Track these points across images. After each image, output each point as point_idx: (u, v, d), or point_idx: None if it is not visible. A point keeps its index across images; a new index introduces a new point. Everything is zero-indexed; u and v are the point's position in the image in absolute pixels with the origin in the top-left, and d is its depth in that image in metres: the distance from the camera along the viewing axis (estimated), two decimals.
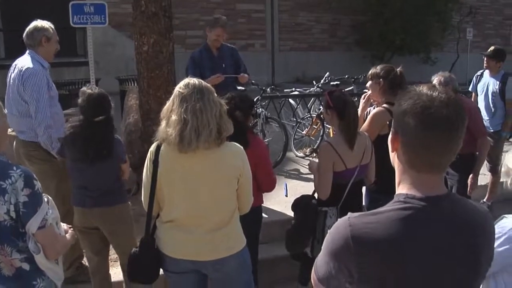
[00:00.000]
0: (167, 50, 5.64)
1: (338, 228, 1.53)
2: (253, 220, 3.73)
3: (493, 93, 6.16)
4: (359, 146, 3.63)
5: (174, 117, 2.64)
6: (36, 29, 4.31)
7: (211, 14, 10.41)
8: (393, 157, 1.61)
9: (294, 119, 8.30)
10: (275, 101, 8.32)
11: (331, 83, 8.09)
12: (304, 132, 8.09)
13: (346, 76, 8.88)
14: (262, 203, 4.04)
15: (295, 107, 8.36)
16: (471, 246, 1.52)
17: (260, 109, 7.28)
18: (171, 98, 2.72)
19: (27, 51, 4.32)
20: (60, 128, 4.21)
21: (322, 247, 1.60)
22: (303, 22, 15.46)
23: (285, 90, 8.96)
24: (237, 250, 2.90)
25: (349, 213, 1.56)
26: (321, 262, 1.61)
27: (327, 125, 7.41)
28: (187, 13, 13.34)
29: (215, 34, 5.78)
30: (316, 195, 3.81)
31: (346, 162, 3.55)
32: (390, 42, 14.82)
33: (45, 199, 2.39)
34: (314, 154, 7.37)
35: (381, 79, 4.00)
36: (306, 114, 8.30)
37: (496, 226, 2.35)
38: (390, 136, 1.59)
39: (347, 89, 8.48)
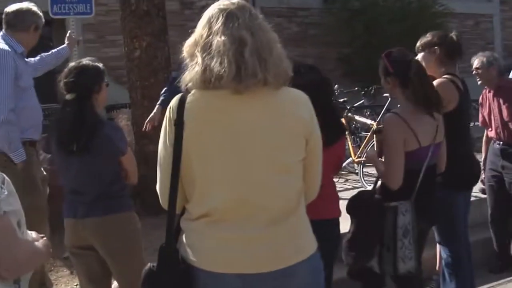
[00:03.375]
0: (163, 55, 4.87)
1: None
2: (327, 237, 2.64)
3: None
4: (431, 120, 2.87)
5: (221, 38, 1.72)
6: (30, 12, 3.53)
7: None
8: None
9: None
10: None
11: (339, 100, 7.26)
12: None
13: (356, 88, 8.19)
14: (340, 215, 3.04)
15: None
16: None
17: None
18: (202, 22, 1.85)
19: (0, 32, 3.51)
20: (30, 128, 3.35)
21: None
22: (290, 56, 15.01)
23: None
24: (310, 253, 1.87)
25: None
26: None
27: None
28: None
29: None
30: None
31: (419, 138, 2.77)
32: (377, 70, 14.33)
33: None
34: None
35: (436, 47, 3.38)
36: None
37: None
38: None
39: (358, 103, 7.78)
